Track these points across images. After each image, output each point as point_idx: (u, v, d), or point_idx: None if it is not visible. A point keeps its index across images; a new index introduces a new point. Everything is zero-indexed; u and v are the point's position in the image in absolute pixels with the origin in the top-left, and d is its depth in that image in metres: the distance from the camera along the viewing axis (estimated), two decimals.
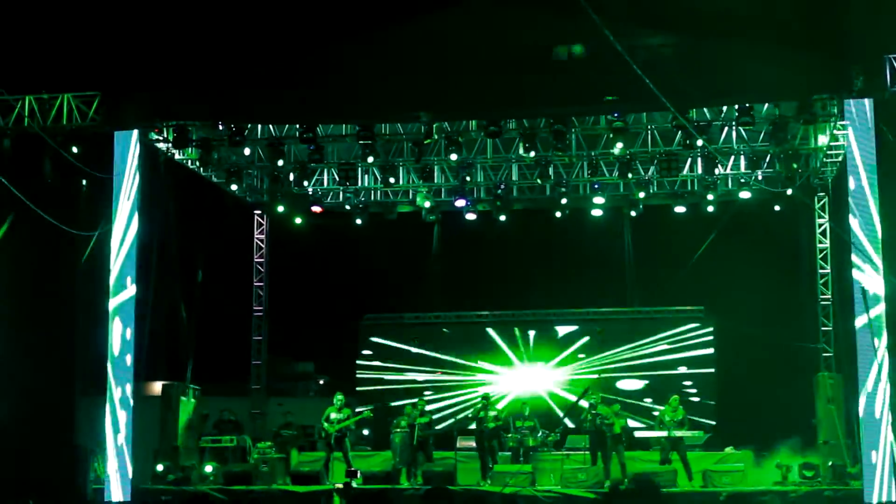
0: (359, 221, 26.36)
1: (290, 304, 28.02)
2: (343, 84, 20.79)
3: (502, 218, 25.61)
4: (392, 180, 24.40)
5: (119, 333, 20.95)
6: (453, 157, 22.96)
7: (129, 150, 21.38)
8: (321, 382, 30.56)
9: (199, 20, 21.48)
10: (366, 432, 25.26)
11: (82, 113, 21.15)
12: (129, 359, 20.92)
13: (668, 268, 26.36)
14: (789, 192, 23.33)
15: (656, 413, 22.65)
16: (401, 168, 24.83)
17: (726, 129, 22.98)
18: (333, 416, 21.90)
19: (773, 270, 25.55)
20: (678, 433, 21.20)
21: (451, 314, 28.08)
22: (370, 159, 23.11)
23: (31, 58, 21.37)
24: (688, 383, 26.16)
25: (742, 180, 24.34)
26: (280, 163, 23.50)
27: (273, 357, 28.03)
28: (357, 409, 23.60)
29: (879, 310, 19.09)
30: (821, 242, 25.28)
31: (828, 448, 21.67)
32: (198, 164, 23.59)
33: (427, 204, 25.49)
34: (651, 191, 24.90)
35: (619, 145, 22.24)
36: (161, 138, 22.64)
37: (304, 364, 33.73)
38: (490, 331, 27.65)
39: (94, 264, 21.44)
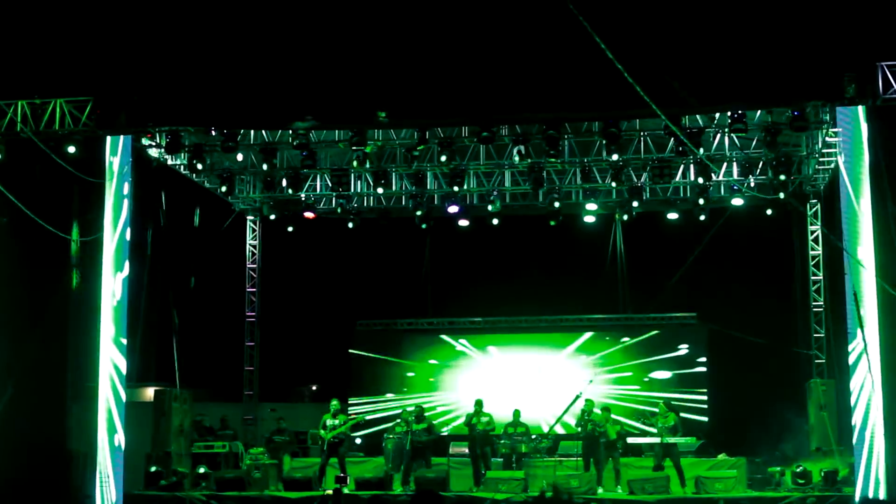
0: (351, 226, 26.37)
1: (282, 309, 28.01)
2: (334, 88, 20.80)
3: (494, 222, 25.60)
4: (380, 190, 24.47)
5: (111, 339, 20.92)
6: (443, 158, 22.90)
7: (122, 155, 21.37)
8: (314, 388, 30.50)
9: (190, 25, 21.48)
10: (358, 441, 25.20)
11: (75, 118, 21.14)
12: (121, 364, 20.91)
13: (661, 274, 26.41)
14: (781, 195, 23.33)
15: (647, 420, 22.64)
16: (393, 174, 24.84)
17: (719, 135, 23.00)
18: (329, 422, 21.85)
19: (765, 277, 25.63)
20: (671, 440, 21.21)
21: (443, 320, 28.10)
22: (354, 164, 23.08)
23: (23, 63, 21.35)
24: (680, 389, 26.16)
25: (734, 187, 24.37)
26: (265, 167, 23.45)
27: (265, 362, 28.02)
28: (350, 414, 23.63)
29: (871, 315, 19.13)
30: (813, 249, 25.35)
31: (820, 454, 21.71)
32: (191, 169, 23.55)
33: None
34: (644, 197, 24.89)
35: (615, 157, 22.32)
36: (153, 144, 22.64)
37: (297, 370, 33.72)
38: (482, 337, 27.72)
39: (86, 269, 21.40)
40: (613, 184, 23.78)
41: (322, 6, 21.17)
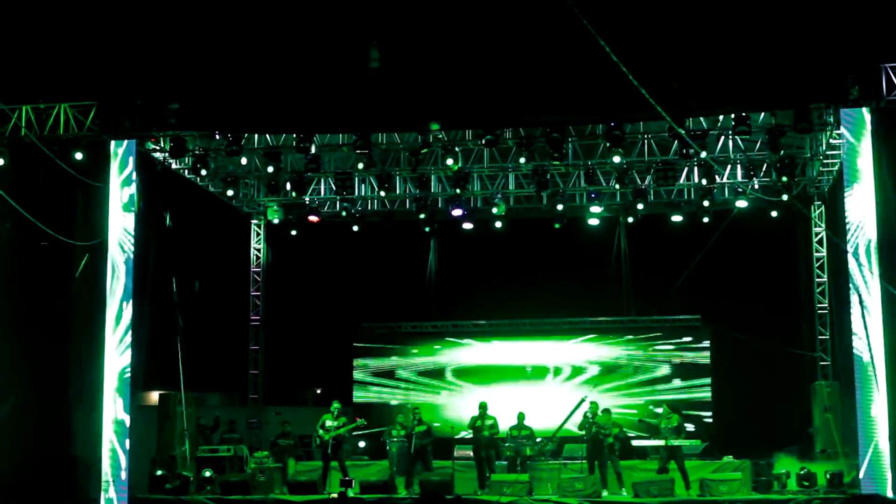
0: (355, 230, 26.37)
1: (287, 313, 28.03)
2: (340, 93, 20.82)
3: (498, 225, 25.60)
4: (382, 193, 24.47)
5: (115, 343, 20.95)
6: (450, 161, 22.88)
7: (126, 159, 21.40)
8: (318, 392, 30.52)
9: (194, 30, 21.50)
10: (362, 444, 25.22)
11: (79, 122, 21.18)
12: (125, 368, 20.93)
13: (665, 277, 26.38)
14: (785, 197, 23.31)
15: (653, 421, 22.66)
16: (397, 177, 24.85)
17: (723, 137, 22.99)
18: (329, 423, 21.83)
19: (769, 279, 25.60)
20: (675, 442, 21.19)
21: (447, 323, 28.12)
22: (360, 166, 23.10)
23: (28, 67, 21.39)
24: (684, 392, 26.15)
25: (739, 189, 24.36)
26: (270, 170, 23.45)
27: (270, 366, 28.04)
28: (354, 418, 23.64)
29: (876, 316, 19.12)
30: (817, 251, 25.32)
31: (825, 457, 21.68)
32: (195, 173, 23.57)
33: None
34: (648, 200, 24.87)
35: (617, 159, 22.30)
36: (158, 148, 22.69)
37: (302, 374, 33.76)
38: (486, 340, 27.76)
39: (91, 274, 21.42)
40: (617, 186, 23.82)
41: (325, 10, 21.18)
